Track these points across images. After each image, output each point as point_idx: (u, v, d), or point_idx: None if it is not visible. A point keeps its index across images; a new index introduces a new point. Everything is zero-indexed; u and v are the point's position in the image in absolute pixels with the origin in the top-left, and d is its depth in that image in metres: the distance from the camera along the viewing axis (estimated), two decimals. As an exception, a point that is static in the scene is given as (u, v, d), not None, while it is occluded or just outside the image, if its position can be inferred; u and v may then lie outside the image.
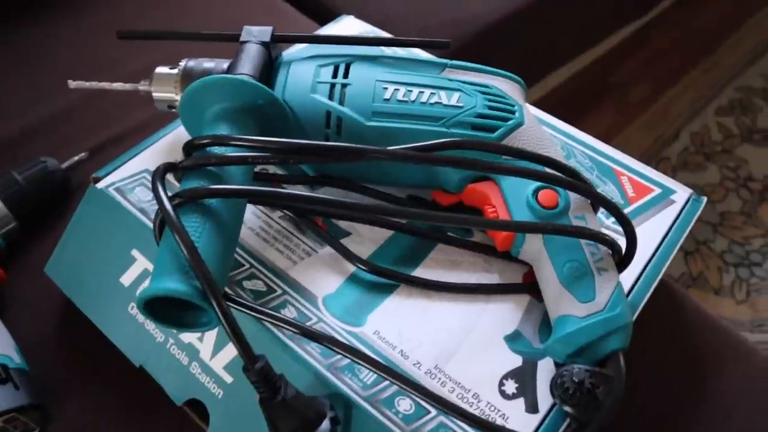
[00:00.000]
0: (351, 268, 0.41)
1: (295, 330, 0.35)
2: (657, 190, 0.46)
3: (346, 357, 0.35)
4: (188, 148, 0.37)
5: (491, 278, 0.41)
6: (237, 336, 0.32)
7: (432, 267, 0.42)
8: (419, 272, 0.41)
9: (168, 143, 0.48)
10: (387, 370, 0.34)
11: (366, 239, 0.43)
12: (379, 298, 0.40)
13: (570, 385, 0.33)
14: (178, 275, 0.32)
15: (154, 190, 0.34)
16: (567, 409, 0.34)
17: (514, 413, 0.36)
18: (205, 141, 0.37)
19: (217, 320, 0.32)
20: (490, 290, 0.40)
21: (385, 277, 0.40)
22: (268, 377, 0.32)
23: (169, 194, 0.34)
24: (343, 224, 0.43)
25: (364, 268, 0.40)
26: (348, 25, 0.58)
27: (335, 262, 0.42)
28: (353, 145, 0.35)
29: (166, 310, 0.34)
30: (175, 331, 0.40)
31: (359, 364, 0.35)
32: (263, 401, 0.33)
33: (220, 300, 0.31)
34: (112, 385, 0.45)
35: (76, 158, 0.55)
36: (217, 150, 0.37)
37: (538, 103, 0.51)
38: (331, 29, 0.57)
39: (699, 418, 0.45)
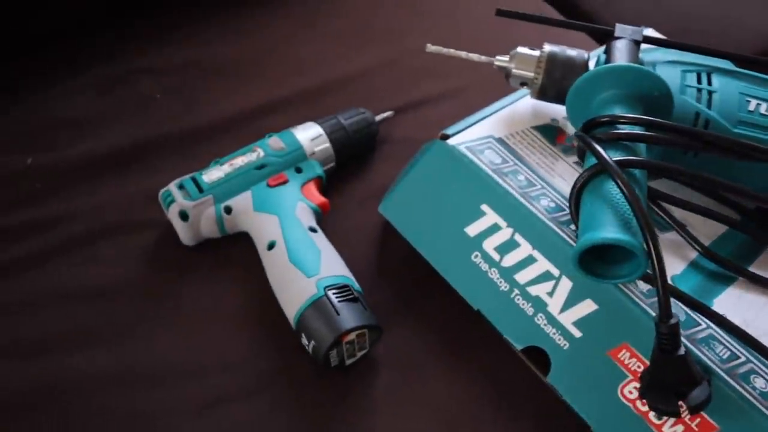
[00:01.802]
0: (692, 254, 0.47)
1: (685, 301, 0.41)
2: None
3: (726, 331, 0.41)
4: (590, 124, 0.44)
5: (817, 287, 0.47)
6: (665, 289, 0.37)
7: (763, 268, 0.47)
8: (754, 270, 0.47)
9: (506, 115, 0.54)
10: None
11: (700, 233, 0.48)
12: (721, 286, 0.46)
13: None
14: (621, 227, 0.38)
15: (595, 151, 0.40)
16: None
17: None
18: (609, 118, 0.43)
19: (644, 274, 0.38)
20: (826, 298, 0.46)
21: (727, 268, 0.46)
22: (676, 334, 0.38)
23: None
24: (678, 216, 0.49)
25: (708, 256, 0.46)
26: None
27: (676, 247, 0.48)
28: (761, 145, 0.41)
29: (585, 262, 0.40)
30: (592, 279, 0.42)
31: (741, 339, 0.40)
32: (664, 352, 0.39)
33: (661, 254, 0.37)
34: (439, 322, 0.51)
35: (384, 115, 0.62)
36: (627, 129, 0.43)
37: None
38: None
39: None
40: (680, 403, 0.39)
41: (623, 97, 0.45)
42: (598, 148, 0.40)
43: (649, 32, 0.63)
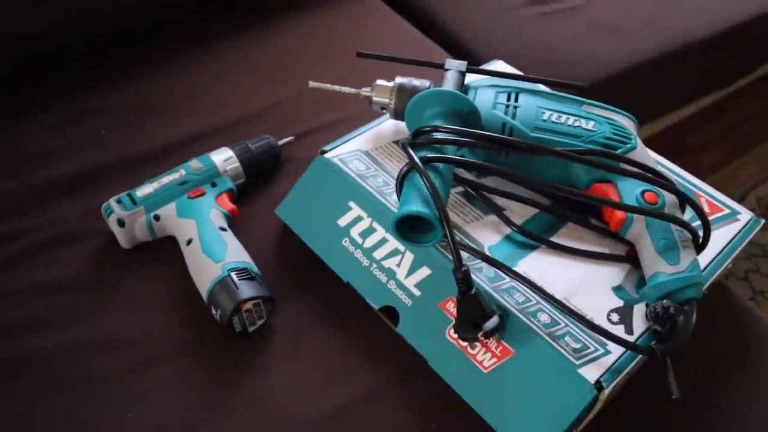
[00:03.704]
0: (507, 230, 0.64)
1: (488, 261, 0.58)
2: (726, 210, 0.68)
3: (519, 282, 0.58)
4: (417, 132, 0.61)
5: (603, 250, 0.64)
6: (456, 247, 0.54)
7: (562, 238, 0.64)
8: (554, 240, 0.64)
9: (372, 133, 0.72)
10: (548, 295, 0.57)
11: (516, 214, 0.65)
12: (526, 252, 0.63)
13: (660, 311, 0.55)
14: (422, 203, 0.55)
15: (407, 152, 0.57)
16: (656, 327, 0.56)
17: (617, 333, 0.57)
18: (429, 128, 0.60)
19: (442, 237, 0.55)
20: (604, 257, 0.63)
21: (532, 239, 0.63)
22: (468, 278, 0.55)
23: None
24: (499, 201, 0.66)
25: (518, 231, 0.63)
26: (499, 66, 0.82)
27: (496, 225, 0.64)
28: (535, 143, 0.59)
29: (402, 230, 0.57)
30: (408, 244, 0.59)
31: (528, 286, 0.57)
32: (461, 293, 0.55)
33: (449, 222, 0.54)
34: (321, 296, 0.68)
35: (287, 139, 0.80)
36: (438, 135, 0.60)
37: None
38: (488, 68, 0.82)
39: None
40: (479, 333, 0.56)
41: (443, 113, 0.63)
42: (409, 150, 0.57)
43: (500, 64, 0.82)
